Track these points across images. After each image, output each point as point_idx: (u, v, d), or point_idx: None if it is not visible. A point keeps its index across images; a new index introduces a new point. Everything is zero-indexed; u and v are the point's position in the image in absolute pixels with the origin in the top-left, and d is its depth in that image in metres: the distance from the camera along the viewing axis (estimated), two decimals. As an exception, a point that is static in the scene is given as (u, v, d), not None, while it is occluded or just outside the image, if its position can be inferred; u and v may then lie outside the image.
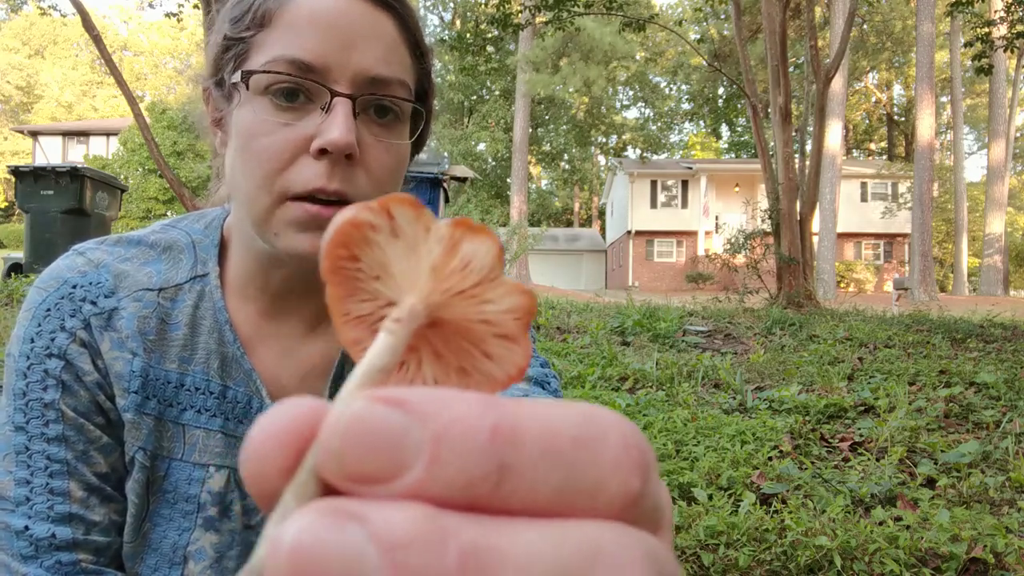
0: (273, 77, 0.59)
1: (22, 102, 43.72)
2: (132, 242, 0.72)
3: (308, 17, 0.60)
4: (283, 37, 0.60)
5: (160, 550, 0.69)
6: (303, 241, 0.61)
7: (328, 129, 0.59)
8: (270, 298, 0.72)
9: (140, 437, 0.68)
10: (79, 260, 0.69)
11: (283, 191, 0.60)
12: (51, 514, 0.65)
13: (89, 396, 0.67)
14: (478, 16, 32.06)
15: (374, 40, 0.61)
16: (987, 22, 10.02)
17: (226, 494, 0.70)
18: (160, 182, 20.87)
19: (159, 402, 0.69)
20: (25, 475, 0.65)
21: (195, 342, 0.70)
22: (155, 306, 0.69)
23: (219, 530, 0.70)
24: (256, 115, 0.60)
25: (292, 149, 0.60)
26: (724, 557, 1.74)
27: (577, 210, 46.47)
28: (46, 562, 0.64)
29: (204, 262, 0.72)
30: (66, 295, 0.67)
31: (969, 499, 2.21)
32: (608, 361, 4.12)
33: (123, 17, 52.67)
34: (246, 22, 0.62)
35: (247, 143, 0.61)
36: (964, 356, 4.83)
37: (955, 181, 26.39)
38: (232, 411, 0.71)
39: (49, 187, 7.14)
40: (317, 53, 0.59)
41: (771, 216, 9.83)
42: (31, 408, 0.65)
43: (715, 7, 13.12)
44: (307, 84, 0.60)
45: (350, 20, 0.60)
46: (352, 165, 0.61)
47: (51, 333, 0.66)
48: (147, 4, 13.48)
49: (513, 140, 28.64)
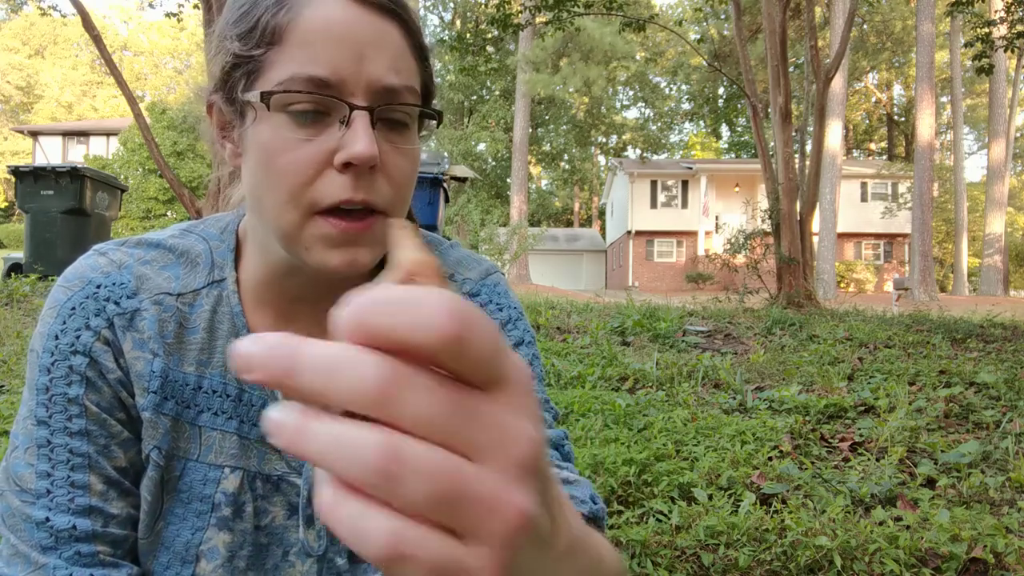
0: (292, 96, 0.60)
1: (22, 102, 43.73)
2: (152, 245, 0.73)
3: (320, 32, 0.60)
4: (297, 55, 0.60)
5: (173, 548, 0.70)
6: (334, 256, 0.63)
7: (352, 143, 0.60)
8: (286, 303, 0.73)
9: (156, 436, 0.70)
10: (102, 260, 0.71)
11: (310, 205, 0.62)
12: (72, 506, 0.66)
13: (112, 393, 0.68)
14: (478, 16, 32.07)
15: (383, 50, 0.62)
16: (987, 22, 10.02)
17: (240, 495, 0.72)
18: (160, 182, 20.86)
19: (177, 403, 0.70)
20: (47, 468, 0.66)
21: (213, 346, 0.72)
22: (174, 310, 0.70)
23: (232, 530, 0.71)
24: (276, 132, 0.61)
25: (316, 164, 0.61)
26: (724, 557, 1.74)
27: (577, 210, 46.47)
28: (65, 553, 0.65)
29: (221, 267, 0.73)
30: (91, 295, 0.68)
31: (969, 499, 2.21)
32: (608, 361, 4.12)
33: (123, 17, 52.64)
34: (255, 39, 0.62)
35: (270, 160, 0.62)
36: (964, 356, 4.83)
37: (955, 181, 26.39)
38: (247, 414, 0.73)
39: (49, 187, 7.15)
40: (332, 68, 0.60)
41: (771, 216, 9.83)
42: (55, 403, 0.67)
43: (715, 7, 13.13)
44: (326, 101, 0.61)
45: (360, 31, 0.61)
46: (374, 174, 0.62)
47: (76, 331, 0.67)
48: (147, 4, 13.48)
49: (513, 140, 28.64)
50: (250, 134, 0.63)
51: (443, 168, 6.93)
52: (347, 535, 0.24)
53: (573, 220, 46.24)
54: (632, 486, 2.14)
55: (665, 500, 2.07)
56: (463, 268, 0.82)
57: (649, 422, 2.80)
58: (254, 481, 0.73)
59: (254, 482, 0.73)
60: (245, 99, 0.63)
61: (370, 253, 0.64)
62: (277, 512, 0.74)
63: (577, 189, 45.57)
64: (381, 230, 0.64)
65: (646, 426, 2.77)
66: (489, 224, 24.53)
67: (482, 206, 26.74)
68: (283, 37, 0.61)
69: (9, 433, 2.14)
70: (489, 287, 0.82)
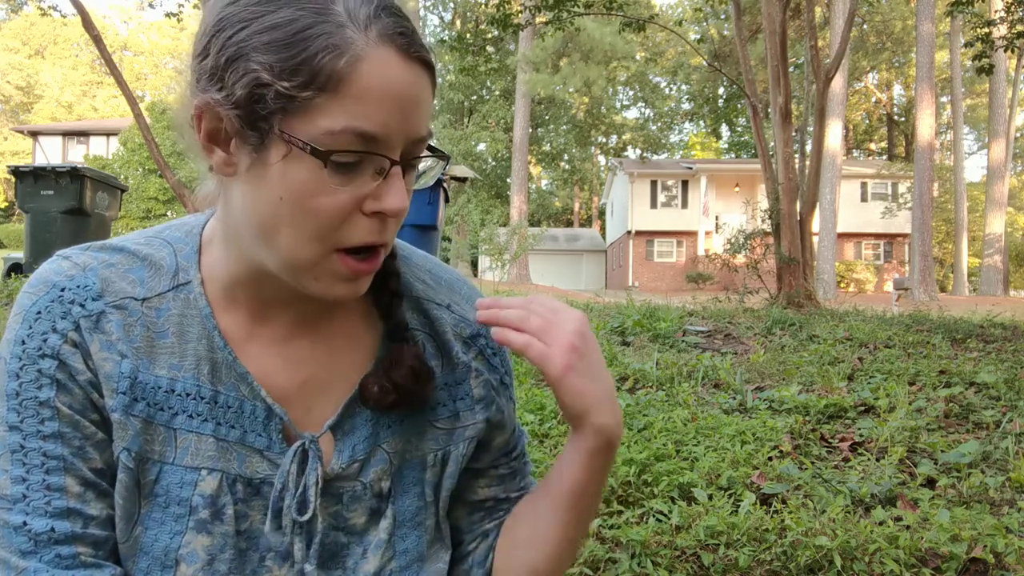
0: (339, 146, 0.60)
1: (22, 102, 43.73)
2: (115, 249, 0.73)
3: (377, 89, 0.60)
4: (352, 108, 0.60)
5: (151, 553, 0.70)
6: (341, 289, 0.67)
7: (387, 196, 0.63)
8: (259, 304, 0.73)
9: (126, 438, 0.69)
10: (65, 264, 0.70)
11: (335, 244, 0.64)
12: (49, 509, 0.65)
13: (83, 394, 0.68)
14: (478, 16, 32.06)
15: (422, 105, 0.64)
16: (987, 22, 10.02)
17: (219, 497, 0.71)
18: (160, 182, 20.87)
19: (148, 406, 0.69)
20: (21, 473, 0.65)
21: (184, 349, 0.71)
22: (140, 315, 0.70)
23: (211, 532, 0.70)
24: (313, 175, 0.61)
25: (349, 209, 0.63)
26: (724, 557, 1.74)
27: (577, 210, 46.48)
28: (45, 556, 0.65)
29: (186, 270, 0.73)
30: (56, 298, 0.68)
31: (969, 499, 2.22)
32: (608, 361, 4.12)
33: (123, 17, 52.68)
34: (305, 79, 0.59)
35: (301, 201, 0.62)
36: (964, 356, 4.83)
37: (955, 181, 26.39)
38: (224, 416, 0.72)
39: (49, 187, 7.14)
40: (383, 126, 0.61)
41: (771, 216, 9.83)
42: (25, 407, 0.66)
43: (715, 7, 13.13)
44: (370, 155, 0.62)
45: (409, 90, 0.62)
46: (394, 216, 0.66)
47: (43, 334, 0.67)
48: (147, 4, 13.47)
49: (513, 140, 28.64)
50: (276, 168, 0.61)
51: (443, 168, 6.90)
52: (505, 340, 0.72)
53: (573, 220, 46.25)
54: (632, 486, 2.15)
55: (665, 500, 2.07)
56: (459, 300, 0.83)
57: (649, 422, 2.80)
58: (234, 484, 0.72)
59: (234, 485, 0.72)
60: (280, 133, 0.60)
61: (368, 282, 0.69)
62: (255, 516, 0.73)
63: (577, 189, 45.57)
64: (380, 261, 0.68)
65: (646, 426, 2.77)
66: (489, 224, 24.53)
67: (482, 206, 26.74)
68: (339, 87, 0.59)
69: None
70: (486, 328, 0.81)
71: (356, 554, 0.76)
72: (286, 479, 0.73)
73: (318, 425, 0.75)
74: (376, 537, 0.77)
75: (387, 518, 0.77)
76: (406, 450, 0.78)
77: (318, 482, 0.73)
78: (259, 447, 0.73)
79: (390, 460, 0.77)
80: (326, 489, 0.74)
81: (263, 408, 0.73)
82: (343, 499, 0.75)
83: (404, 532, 0.78)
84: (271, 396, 0.73)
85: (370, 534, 0.77)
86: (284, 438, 0.74)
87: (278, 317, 0.74)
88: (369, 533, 0.77)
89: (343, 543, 0.76)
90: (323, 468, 0.74)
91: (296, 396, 0.75)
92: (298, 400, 0.75)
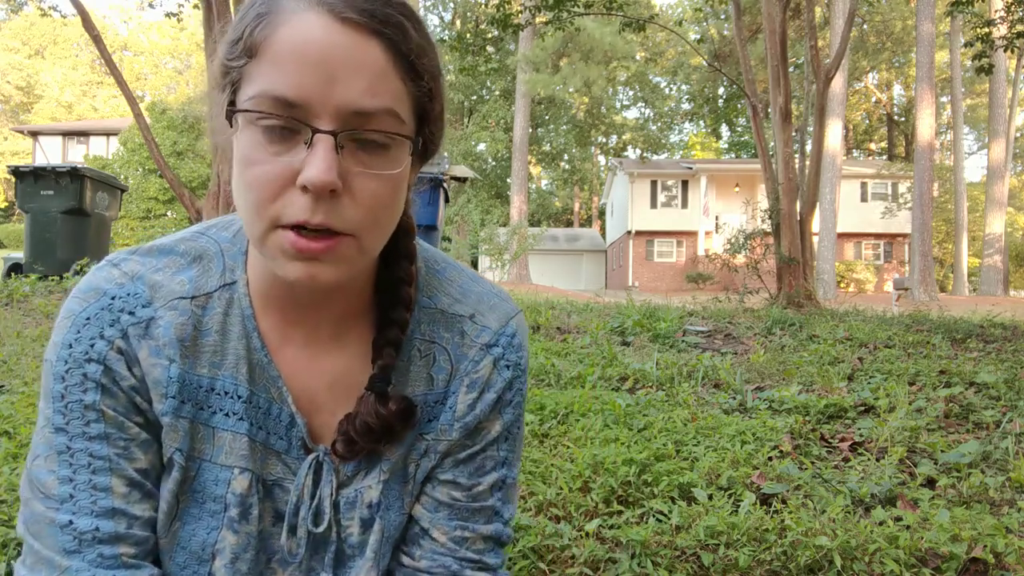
0: (260, 110, 0.60)
1: (22, 102, 43.72)
2: (163, 251, 0.74)
3: (291, 52, 0.59)
4: (267, 72, 0.60)
5: (189, 548, 0.71)
6: (293, 269, 0.62)
7: (307, 168, 0.59)
8: (290, 306, 0.73)
9: (177, 439, 0.71)
10: (115, 272, 0.71)
11: (274, 219, 0.61)
12: (95, 508, 0.67)
13: (127, 398, 0.69)
14: (478, 16, 32.04)
15: (359, 71, 0.60)
16: (987, 22, 10.01)
17: (247, 497, 0.72)
18: (160, 182, 20.86)
19: (193, 406, 0.71)
20: (68, 473, 0.67)
21: (225, 348, 0.72)
22: (189, 313, 0.71)
23: (237, 532, 0.72)
24: (251, 144, 0.61)
25: (281, 180, 0.60)
26: (724, 557, 1.74)
27: (577, 210, 46.47)
28: (88, 555, 0.66)
29: (232, 270, 0.74)
30: (105, 306, 0.69)
31: (969, 499, 2.21)
32: (608, 361, 4.12)
33: (123, 17, 52.72)
34: (238, 50, 0.62)
35: (243, 170, 0.62)
36: (964, 356, 4.83)
37: (955, 181, 26.38)
38: (256, 416, 0.73)
39: (49, 187, 7.14)
40: (298, 89, 0.59)
41: (771, 216, 9.83)
42: (71, 410, 0.67)
43: (715, 7, 13.13)
44: (290, 121, 0.60)
45: (334, 53, 0.59)
46: (336, 198, 0.61)
47: (90, 340, 0.68)
48: (147, 4, 13.48)
49: (513, 140, 28.62)
50: (236, 144, 0.63)
51: (443, 168, 6.92)
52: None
53: (573, 220, 46.25)
54: (632, 486, 2.15)
55: (665, 500, 2.07)
56: (484, 310, 0.80)
57: (649, 422, 2.80)
58: (258, 484, 0.73)
59: (257, 485, 0.73)
60: (230, 107, 0.63)
61: (334, 271, 0.63)
62: (266, 518, 0.74)
63: (577, 189, 45.56)
64: (349, 250, 0.63)
65: (646, 426, 2.77)
66: (489, 224, 24.52)
67: (482, 206, 26.76)
68: (258, 52, 0.60)
69: (9, 434, 2.15)
70: (507, 338, 0.80)
71: (358, 565, 0.78)
72: (301, 490, 0.74)
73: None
74: (369, 549, 0.78)
75: (375, 532, 0.77)
76: (396, 460, 0.79)
77: (332, 494, 0.74)
78: (279, 450, 0.74)
79: (381, 470, 0.78)
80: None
81: (288, 413, 0.74)
82: (340, 506, 0.77)
83: (385, 550, 0.79)
84: (298, 400, 0.74)
85: (367, 546, 0.78)
86: (302, 445, 0.75)
87: (307, 321, 0.74)
88: (365, 545, 0.78)
89: (349, 554, 0.78)
90: (337, 480, 0.75)
91: (322, 401, 0.76)
92: (324, 405, 0.76)
